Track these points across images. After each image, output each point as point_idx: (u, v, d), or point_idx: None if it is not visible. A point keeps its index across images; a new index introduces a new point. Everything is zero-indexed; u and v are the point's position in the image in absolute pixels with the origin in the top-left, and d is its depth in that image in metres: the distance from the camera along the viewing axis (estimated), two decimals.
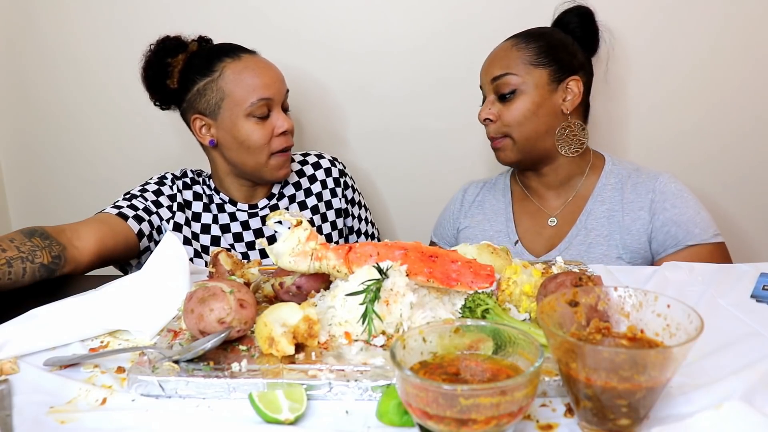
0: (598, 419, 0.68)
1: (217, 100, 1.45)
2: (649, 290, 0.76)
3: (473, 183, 1.72)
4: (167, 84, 1.48)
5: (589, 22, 1.54)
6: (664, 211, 1.42)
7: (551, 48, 1.46)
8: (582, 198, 1.52)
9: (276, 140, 1.48)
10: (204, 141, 1.51)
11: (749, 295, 1.06)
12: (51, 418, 0.75)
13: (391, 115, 1.89)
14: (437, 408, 0.62)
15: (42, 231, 1.23)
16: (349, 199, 1.70)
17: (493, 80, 1.46)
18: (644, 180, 1.47)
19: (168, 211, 1.52)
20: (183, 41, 1.51)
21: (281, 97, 1.50)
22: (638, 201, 1.45)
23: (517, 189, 1.64)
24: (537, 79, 1.44)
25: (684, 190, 1.45)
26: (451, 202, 1.72)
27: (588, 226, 1.48)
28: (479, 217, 1.64)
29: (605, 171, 1.52)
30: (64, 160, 2.02)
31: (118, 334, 0.98)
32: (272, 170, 1.51)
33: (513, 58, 1.45)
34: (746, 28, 1.72)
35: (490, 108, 1.47)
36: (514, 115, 1.44)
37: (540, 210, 1.57)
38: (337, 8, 1.82)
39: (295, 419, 0.73)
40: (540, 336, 0.79)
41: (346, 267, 0.96)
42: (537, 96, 1.44)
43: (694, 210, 1.42)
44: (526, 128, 1.45)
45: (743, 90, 1.78)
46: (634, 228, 1.44)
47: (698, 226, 1.40)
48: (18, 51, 1.93)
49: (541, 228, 1.55)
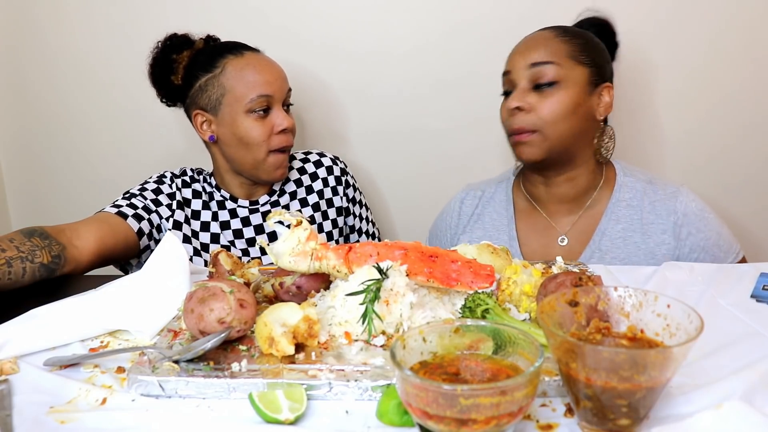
0: (598, 419, 0.68)
1: (218, 96, 1.47)
2: (649, 290, 0.76)
3: (470, 191, 1.60)
4: (172, 80, 1.51)
5: (608, 32, 1.49)
6: (690, 236, 1.36)
7: (593, 48, 1.39)
8: (594, 215, 1.43)
9: (275, 138, 1.48)
10: (204, 137, 1.53)
11: (749, 295, 1.06)
12: (51, 418, 0.75)
13: (392, 115, 1.89)
14: (437, 408, 0.62)
15: (41, 231, 1.23)
16: (351, 198, 1.70)
17: (533, 66, 1.34)
18: (662, 198, 1.40)
19: (167, 209, 1.52)
20: (189, 39, 1.53)
21: (282, 95, 1.50)
22: (659, 223, 1.38)
23: (522, 202, 1.51)
24: (579, 76, 1.34)
25: (705, 209, 1.39)
26: (448, 213, 1.62)
27: (603, 248, 1.39)
28: (479, 233, 1.52)
29: (618, 184, 1.44)
30: (64, 160, 2.02)
31: (118, 334, 0.98)
32: (269, 169, 1.51)
33: (558, 47, 1.35)
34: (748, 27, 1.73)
35: (523, 96, 1.34)
36: (553, 108, 1.32)
37: (549, 226, 1.45)
38: (339, 8, 1.82)
39: (295, 419, 0.73)
40: (540, 336, 0.79)
41: (346, 267, 0.96)
42: (576, 94, 1.34)
43: (716, 232, 1.38)
44: (562, 126, 1.33)
45: (743, 90, 1.78)
46: (659, 253, 1.36)
47: (722, 249, 1.37)
48: (18, 51, 1.93)
49: (550, 248, 1.44)
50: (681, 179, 1.51)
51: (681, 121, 1.82)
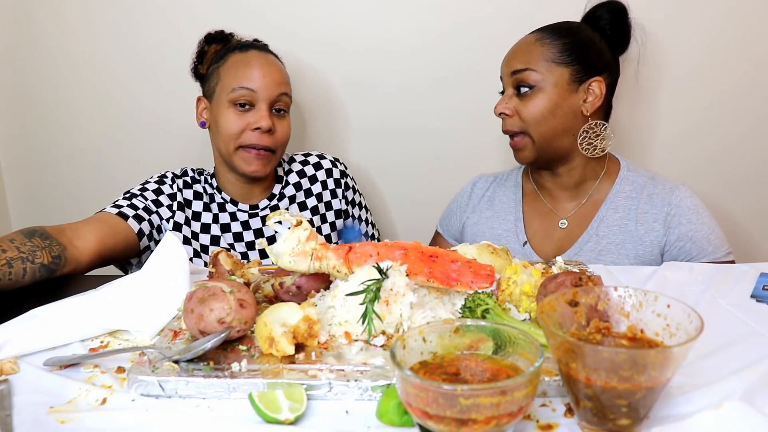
0: (598, 419, 0.68)
1: (214, 84, 1.52)
2: (649, 290, 0.76)
3: (483, 176, 1.70)
4: (199, 69, 1.59)
5: (621, 19, 1.49)
6: (680, 225, 1.41)
7: (576, 46, 1.42)
8: (595, 203, 1.50)
9: (248, 134, 1.48)
10: (197, 121, 1.58)
11: (749, 295, 1.06)
12: (51, 418, 0.75)
13: (393, 114, 1.89)
14: (437, 408, 0.62)
15: (42, 231, 1.23)
16: (350, 200, 1.70)
17: (513, 74, 1.43)
18: (660, 191, 1.46)
19: (168, 210, 1.52)
20: (226, 35, 1.59)
21: (269, 95, 1.48)
22: (653, 212, 1.44)
23: (529, 187, 1.61)
24: (557, 77, 1.40)
25: (700, 206, 1.44)
26: (460, 195, 1.70)
27: (600, 233, 1.46)
28: (488, 213, 1.61)
29: (620, 177, 1.50)
30: (64, 160, 2.02)
31: (118, 334, 0.98)
32: (239, 163, 1.51)
33: (535, 53, 1.42)
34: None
35: (507, 102, 1.45)
36: (531, 112, 1.41)
37: (551, 211, 1.55)
38: (339, 8, 1.82)
39: (295, 419, 0.73)
40: (540, 336, 0.79)
41: (346, 267, 0.96)
42: (555, 95, 1.40)
43: (708, 227, 1.41)
44: (543, 127, 1.42)
45: (743, 89, 1.78)
46: (647, 239, 1.43)
47: (712, 243, 1.40)
48: (18, 51, 1.93)
49: (551, 230, 1.53)
50: (680, 178, 1.51)
51: (681, 121, 1.82)
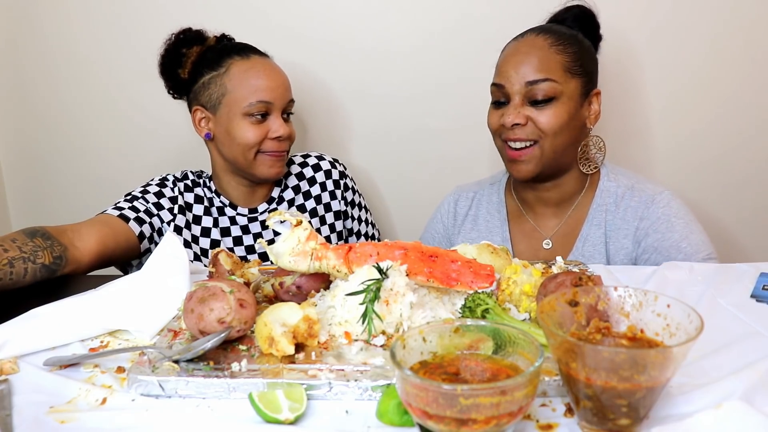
0: (598, 419, 0.68)
1: (219, 95, 1.48)
2: (649, 290, 0.76)
3: (461, 192, 1.61)
4: (179, 73, 1.52)
5: (590, 22, 1.44)
6: (646, 237, 1.36)
7: (584, 55, 1.36)
8: (577, 220, 1.44)
9: (268, 142, 1.49)
10: (200, 133, 1.54)
11: (749, 295, 1.06)
12: (51, 418, 0.75)
13: (392, 116, 1.89)
14: (437, 408, 0.62)
15: (44, 231, 1.23)
16: (349, 201, 1.70)
17: (529, 84, 1.32)
18: (636, 204, 1.39)
19: (169, 213, 1.52)
20: (203, 35, 1.54)
21: (282, 103, 1.50)
22: (624, 228, 1.39)
23: (513, 205, 1.53)
24: (573, 89, 1.34)
25: (674, 214, 1.36)
26: (442, 213, 1.62)
27: (585, 254, 1.40)
28: (473, 234, 1.54)
29: (600, 189, 1.44)
30: (64, 160, 2.02)
31: (118, 334, 0.98)
32: (261, 167, 1.51)
33: (553, 61, 1.32)
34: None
35: (518, 110, 1.33)
36: (551, 121, 1.31)
37: (535, 230, 1.48)
38: (339, 9, 1.82)
39: (295, 419, 0.73)
40: (540, 336, 0.79)
41: (346, 267, 0.96)
42: (571, 107, 1.33)
43: (680, 234, 1.33)
44: (559, 139, 1.33)
45: (742, 93, 1.77)
46: (617, 258, 1.38)
47: (682, 251, 1.32)
48: (18, 51, 1.93)
49: (537, 250, 1.46)
50: (679, 182, 1.50)
51: (680, 123, 1.81)
